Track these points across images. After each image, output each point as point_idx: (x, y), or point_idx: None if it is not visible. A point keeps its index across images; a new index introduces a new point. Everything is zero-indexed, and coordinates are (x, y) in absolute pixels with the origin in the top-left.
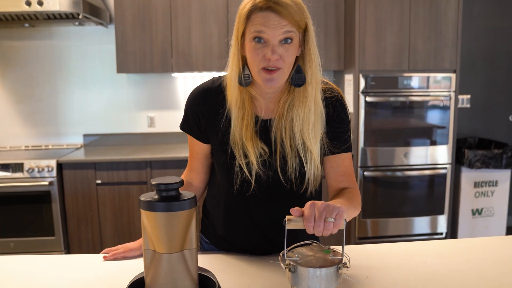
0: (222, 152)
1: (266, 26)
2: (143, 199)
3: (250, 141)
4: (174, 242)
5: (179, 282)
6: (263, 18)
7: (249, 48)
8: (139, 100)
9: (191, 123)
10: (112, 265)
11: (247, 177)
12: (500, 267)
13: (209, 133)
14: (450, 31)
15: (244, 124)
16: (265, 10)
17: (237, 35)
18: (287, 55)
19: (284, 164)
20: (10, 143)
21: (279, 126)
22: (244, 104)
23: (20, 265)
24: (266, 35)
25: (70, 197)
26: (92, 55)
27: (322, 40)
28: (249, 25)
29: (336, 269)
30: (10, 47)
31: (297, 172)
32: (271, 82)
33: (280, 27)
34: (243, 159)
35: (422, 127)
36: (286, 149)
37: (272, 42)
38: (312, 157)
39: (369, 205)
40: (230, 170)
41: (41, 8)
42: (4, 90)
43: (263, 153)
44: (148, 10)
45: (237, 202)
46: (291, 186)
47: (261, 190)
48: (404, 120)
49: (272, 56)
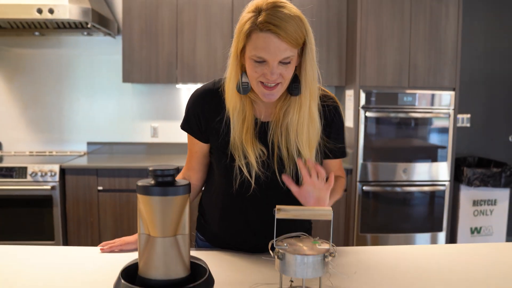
0: (222, 154)
1: (266, 51)
2: (140, 184)
3: (250, 143)
4: (168, 226)
5: (172, 266)
6: (263, 41)
7: (248, 64)
8: (143, 110)
9: (191, 123)
10: (108, 256)
11: (246, 178)
12: (488, 271)
13: (208, 133)
14: (450, 50)
15: (244, 128)
16: (266, 31)
17: (236, 48)
18: (286, 72)
19: (281, 166)
20: (14, 148)
21: (275, 129)
22: (244, 108)
23: (18, 255)
24: (266, 58)
25: (71, 202)
26: (99, 64)
27: (324, 56)
28: (250, 44)
29: (323, 257)
30: (19, 54)
31: (293, 175)
32: (270, 97)
33: (280, 51)
34: (243, 160)
35: (422, 143)
36: (282, 152)
37: (272, 64)
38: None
39: (368, 220)
40: (230, 171)
41: (52, 16)
42: (12, 96)
43: (261, 154)
44: (155, 22)
45: (235, 201)
46: (287, 187)
47: (259, 190)
48: (404, 136)
49: (271, 76)
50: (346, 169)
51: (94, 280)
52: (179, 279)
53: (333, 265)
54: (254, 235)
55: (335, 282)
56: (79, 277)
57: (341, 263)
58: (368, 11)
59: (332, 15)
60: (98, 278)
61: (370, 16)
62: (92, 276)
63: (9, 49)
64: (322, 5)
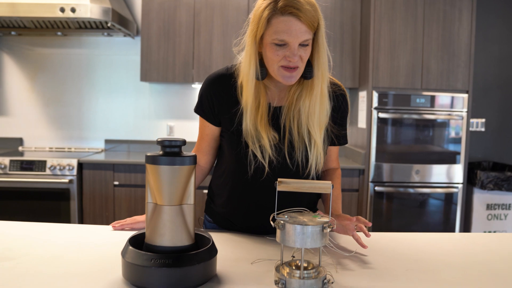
0: (237, 141)
1: (288, 33)
2: (149, 154)
3: (264, 128)
4: (174, 195)
5: (177, 234)
6: (285, 25)
7: (269, 49)
8: (159, 109)
9: (205, 106)
10: (118, 233)
11: (260, 163)
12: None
13: (221, 116)
14: (463, 53)
15: (259, 114)
16: (287, 15)
17: (254, 36)
18: (305, 55)
19: (291, 149)
20: (35, 144)
21: (288, 113)
22: (259, 95)
23: (35, 231)
24: (288, 40)
25: (88, 196)
26: (118, 64)
27: (338, 58)
28: (270, 29)
29: (321, 228)
30: (42, 54)
31: (303, 157)
32: (290, 79)
33: (301, 33)
34: (257, 146)
35: (435, 145)
36: (293, 135)
37: (293, 46)
38: (316, 145)
39: (379, 220)
40: (244, 157)
41: (74, 14)
42: (34, 94)
43: (273, 139)
44: (172, 23)
45: (248, 186)
46: (296, 169)
47: (272, 174)
48: (416, 138)
49: (293, 58)
50: (358, 170)
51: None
52: (184, 246)
53: (334, 243)
54: (264, 217)
55: (334, 260)
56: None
57: (342, 243)
58: (382, 14)
59: (346, 18)
60: (108, 248)
61: (383, 20)
62: (102, 248)
63: (33, 49)
64: (336, 9)
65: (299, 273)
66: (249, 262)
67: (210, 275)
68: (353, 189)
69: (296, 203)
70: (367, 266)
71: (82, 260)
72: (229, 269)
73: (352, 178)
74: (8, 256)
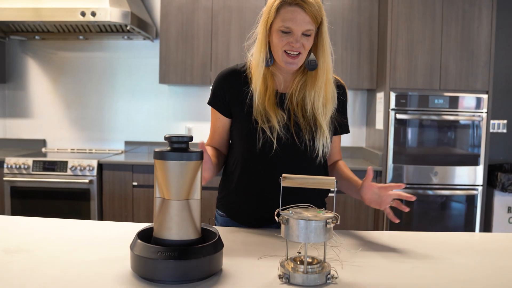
0: (248, 119)
1: (293, 21)
2: (157, 150)
3: (272, 108)
4: (181, 190)
5: (183, 228)
6: (291, 14)
7: (276, 35)
8: (178, 111)
9: (217, 98)
10: (129, 229)
11: (269, 138)
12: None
13: (232, 107)
14: (483, 52)
15: (267, 96)
16: (294, 5)
17: (265, 25)
18: (307, 43)
19: (298, 129)
20: (57, 146)
21: (292, 99)
22: (266, 80)
23: (51, 226)
24: (292, 28)
25: (107, 196)
26: (137, 67)
27: (356, 60)
28: (278, 18)
29: (324, 223)
30: (64, 57)
31: (310, 138)
32: (292, 65)
33: (305, 23)
34: (266, 123)
35: (453, 146)
36: (299, 119)
37: (297, 34)
38: (322, 129)
39: (397, 223)
40: (254, 133)
41: (94, 18)
42: (57, 96)
43: (281, 119)
44: (191, 26)
45: (254, 161)
46: (304, 148)
47: (280, 150)
48: (435, 139)
49: (296, 44)
50: (375, 171)
51: (115, 243)
52: (190, 240)
53: (340, 240)
54: (274, 199)
55: (341, 256)
56: (102, 241)
57: (349, 241)
58: (399, 14)
59: (364, 19)
60: (118, 242)
61: (400, 19)
62: (112, 242)
63: (56, 53)
64: (353, 10)
65: (303, 267)
66: (256, 258)
67: (216, 268)
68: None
69: (305, 195)
70: (374, 263)
71: (93, 253)
72: (235, 264)
73: None
74: (24, 248)
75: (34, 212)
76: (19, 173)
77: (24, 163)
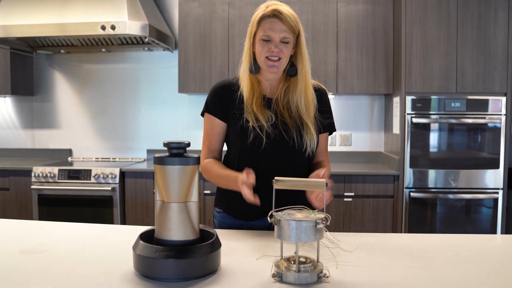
0: (239, 119)
1: (272, 30)
2: (157, 155)
3: (260, 110)
4: (179, 193)
5: (182, 228)
6: (270, 24)
7: (258, 44)
8: (198, 119)
9: (214, 105)
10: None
11: (259, 134)
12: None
13: (227, 110)
14: (500, 54)
15: (254, 99)
16: (272, 17)
17: (250, 36)
18: (285, 50)
19: (286, 127)
20: (83, 155)
21: (278, 103)
22: (254, 86)
23: (72, 231)
24: (271, 36)
25: (130, 203)
26: (158, 77)
27: (371, 65)
28: (260, 28)
29: (315, 224)
30: (88, 69)
31: (297, 134)
32: (273, 68)
33: (281, 31)
34: (255, 122)
35: (472, 149)
36: (286, 119)
37: (275, 40)
38: (308, 126)
39: (415, 227)
40: (245, 129)
41: (114, 31)
42: (82, 107)
43: (269, 118)
44: (208, 36)
45: (248, 157)
46: (293, 143)
47: (270, 145)
48: (453, 142)
49: (275, 49)
50: (392, 176)
51: (121, 246)
52: (189, 240)
53: (337, 240)
54: (266, 182)
55: (338, 257)
56: (109, 243)
57: (345, 241)
58: (413, 18)
59: (378, 24)
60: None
61: (415, 23)
62: (119, 244)
63: (80, 65)
64: (368, 15)
65: (295, 266)
66: (254, 258)
67: (213, 267)
68: (388, 195)
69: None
70: (368, 263)
71: (101, 254)
72: (233, 263)
73: (387, 184)
74: (39, 249)
75: (58, 219)
76: (46, 182)
77: (50, 171)
